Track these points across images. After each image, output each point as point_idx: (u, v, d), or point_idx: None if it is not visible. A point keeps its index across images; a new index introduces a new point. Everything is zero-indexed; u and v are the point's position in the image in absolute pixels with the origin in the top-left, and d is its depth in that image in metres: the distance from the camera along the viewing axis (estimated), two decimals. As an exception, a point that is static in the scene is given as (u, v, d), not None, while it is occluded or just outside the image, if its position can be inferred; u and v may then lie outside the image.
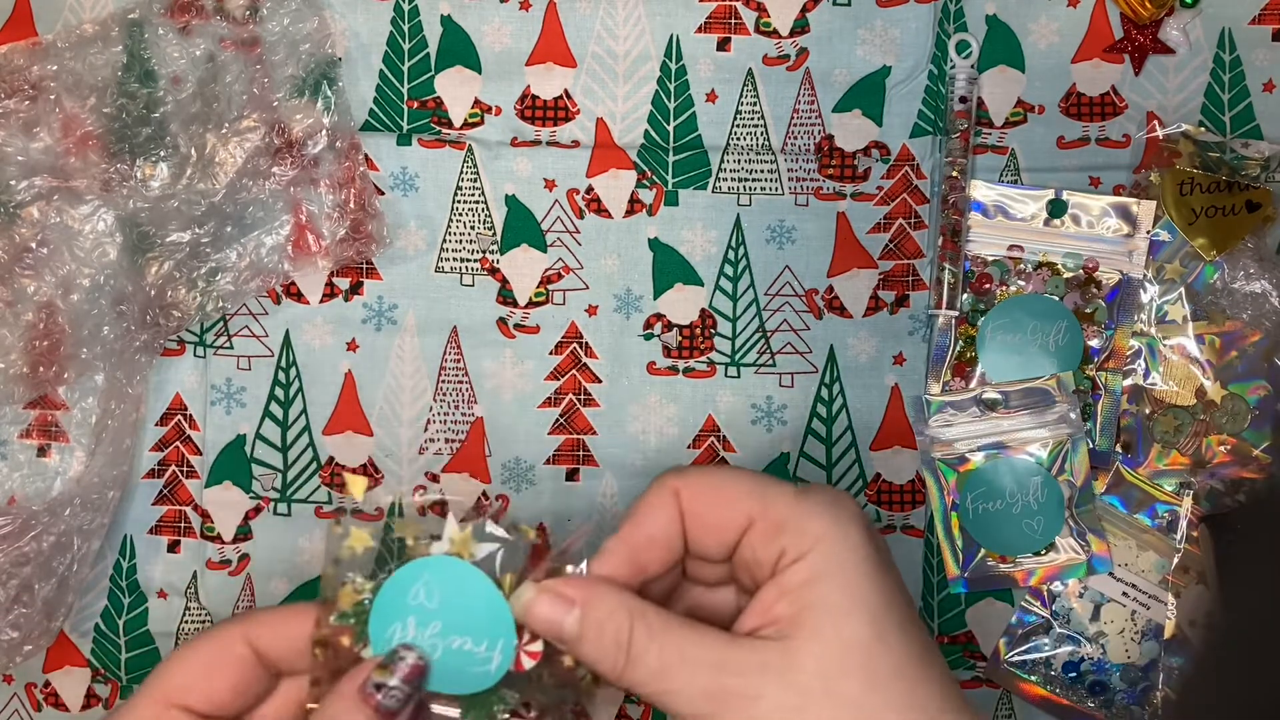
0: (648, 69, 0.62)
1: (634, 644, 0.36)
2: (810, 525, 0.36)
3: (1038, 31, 0.62)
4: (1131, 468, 0.60)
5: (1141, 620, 0.59)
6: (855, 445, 0.61)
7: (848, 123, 0.62)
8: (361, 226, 0.60)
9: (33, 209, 0.59)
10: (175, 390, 0.62)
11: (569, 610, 0.36)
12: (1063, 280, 0.60)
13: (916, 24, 0.61)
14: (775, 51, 0.62)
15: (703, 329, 0.62)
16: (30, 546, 0.57)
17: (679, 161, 0.62)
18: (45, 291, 0.60)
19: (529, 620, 0.37)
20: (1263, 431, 0.59)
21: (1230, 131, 0.61)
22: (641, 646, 0.36)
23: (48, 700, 0.62)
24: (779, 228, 0.61)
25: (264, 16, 0.60)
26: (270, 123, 0.60)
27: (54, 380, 0.60)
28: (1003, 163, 0.61)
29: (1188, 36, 0.61)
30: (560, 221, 0.62)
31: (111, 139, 0.60)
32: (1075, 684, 0.60)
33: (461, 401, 0.61)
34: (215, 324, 0.62)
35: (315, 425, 0.62)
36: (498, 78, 0.62)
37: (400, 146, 0.62)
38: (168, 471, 0.62)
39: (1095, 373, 0.60)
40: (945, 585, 0.60)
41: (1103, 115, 0.61)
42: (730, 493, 0.38)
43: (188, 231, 0.59)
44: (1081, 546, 0.59)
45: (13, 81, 0.60)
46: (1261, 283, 0.59)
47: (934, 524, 0.60)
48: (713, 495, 0.38)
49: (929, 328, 0.61)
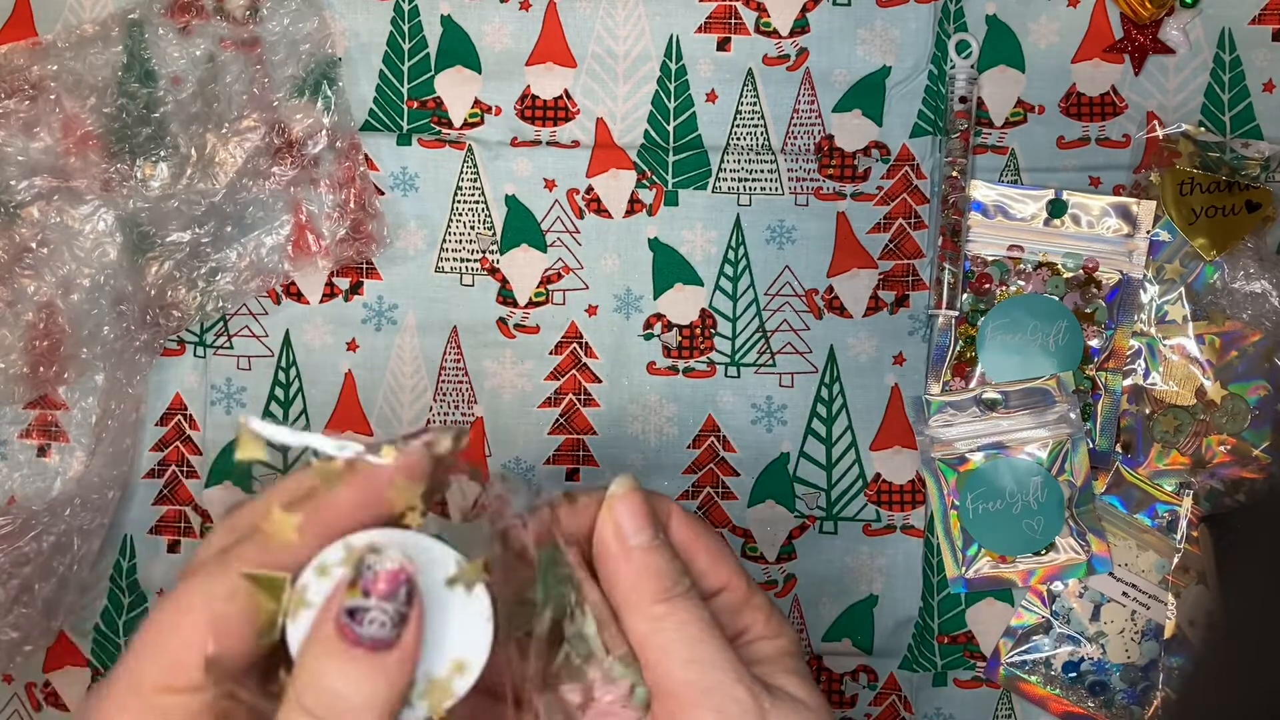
0: (648, 69, 0.62)
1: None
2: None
3: (1038, 31, 0.62)
4: (1131, 468, 0.60)
5: (1141, 620, 0.59)
6: (855, 445, 0.61)
7: (848, 123, 0.62)
8: (361, 226, 0.60)
9: (33, 209, 0.59)
10: (175, 390, 0.62)
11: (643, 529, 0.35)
12: (1063, 280, 0.60)
13: (916, 24, 0.61)
14: (775, 51, 0.62)
15: (703, 329, 0.62)
16: (30, 546, 0.57)
17: (679, 161, 0.62)
18: (45, 291, 0.60)
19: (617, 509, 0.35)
20: (1263, 431, 0.59)
21: (1230, 131, 0.61)
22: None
23: (48, 700, 0.62)
24: (779, 228, 0.61)
25: (264, 16, 0.60)
26: (270, 123, 0.60)
27: (54, 380, 0.60)
28: (1003, 163, 0.61)
29: (1188, 36, 0.61)
30: (560, 221, 0.62)
31: (111, 139, 0.60)
32: (1075, 684, 0.60)
33: (461, 401, 0.61)
34: (215, 324, 0.62)
35: (315, 425, 0.62)
36: (498, 78, 0.62)
37: (400, 146, 0.62)
38: (168, 471, 0.62)
39: (1095, 373, 0.60)
40: (945, 585, 0.60)
41: (1103, 115, 0.61)
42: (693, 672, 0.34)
43: (188, 231, 0.59)
44: (1081, 546, 0.59)
45: (13, 81, 0.60)
46: (1261, 283, 0.59)
47: (934, 524, 0.60)
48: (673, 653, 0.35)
49: (929, 328, 0.61)
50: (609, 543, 0.36)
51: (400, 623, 0.29)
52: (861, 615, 0.61)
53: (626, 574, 0.35)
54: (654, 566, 0.35)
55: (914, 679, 0.60)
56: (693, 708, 0.34)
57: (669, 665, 0.34)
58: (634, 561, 0.35)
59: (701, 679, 0.34)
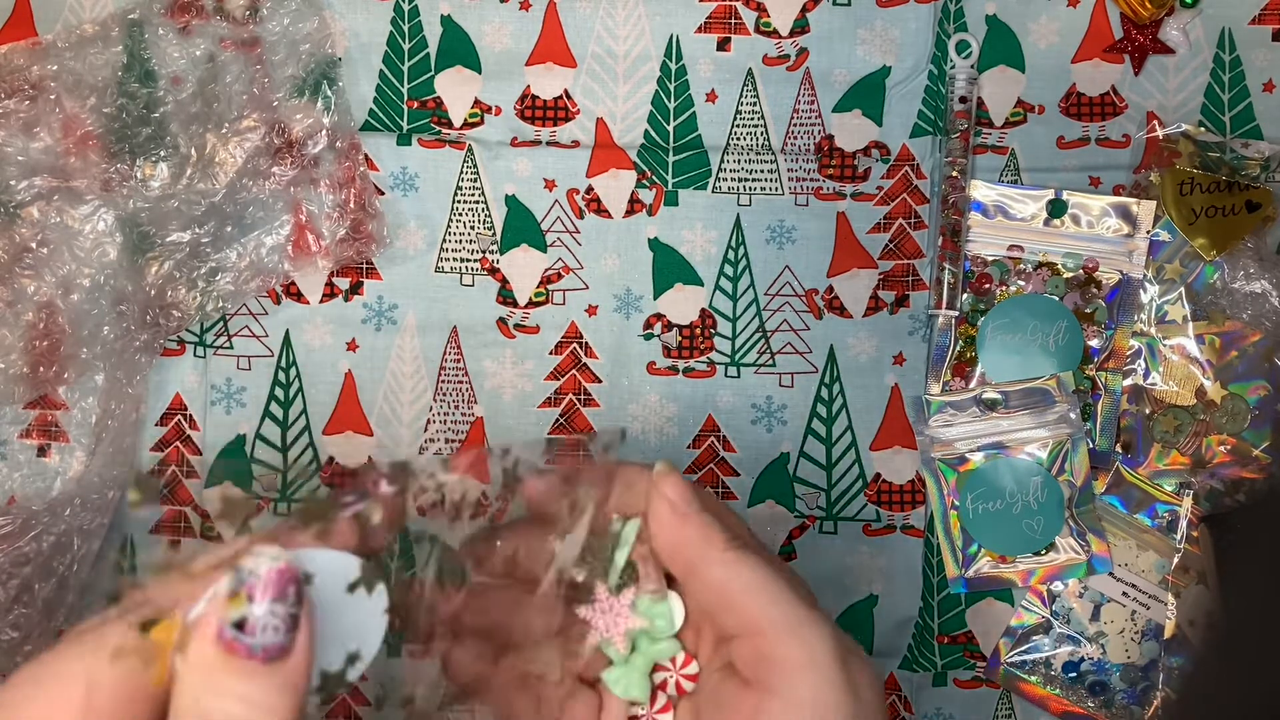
0: (648, 69, 0.62)
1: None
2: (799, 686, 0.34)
3: (1038, 31, 0.62)
4: (1131, 468, 0.60)
5: (1141, 620, 0.59)
6: (855, 445, 0.61)
7: (848, 123, 0.62)
8: (361, 226, 0.60)
9: (33, 209, 0.59)
10: (175, 390, 0.62)
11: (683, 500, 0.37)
12: (1063, 280, 0.60)
13: (916, 24, 0.61)
14: (775, 51, 0.62)
15: (703, 329, 0.62)
16: (30, 546, 0.57)
17: (679, 161, 0.62)
18: (45, 291, 0.60)
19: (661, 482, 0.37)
20: (1263, 431, 0.59)
21: (1230, 131, 0.61)
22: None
23: (48, 700, 0.62)
24: (779, 228, 0.61)
25: (264, 16, 0.60)
26: (270, 123, 0.60)
27: (54, 380, 0.60)
28: (1003, 163, 0.61)
29: (1188, 36, 0.61)
30: (560, 221, 0.62)
31: (111, 139, 0.60)
32: (1075, 684, 0.60)
33: (461, 401, 0.61)
34: (215, 324, 0.62)
35: (315, 425, 0.62)
36: (498, 78, 0.62)
37: (400, 146, 0.62)
38: (168, 471, 0.62)
39: (1095, 373, 0.60)
40: (945, 585, 0.60)
41: (1103, 115, 0.61)
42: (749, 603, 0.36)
43: (188, 231, 0.59)
44: (1081, 546, 0.59)
45: (13, 81, 0.60)
46: (1261, 283, 0.59)
47: (934, 524, 0.60)
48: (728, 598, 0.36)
49: (929, 328, 0.61)
50: (668, 512, 0.37)
51: (293, 626, 0.27)
52: (862, 615, 0.61)
53: (693, 532, 0.36)
54: (714, 524, 0.37)
55: (914, 679, 0.60)
56: (780, 645, 0.35)
57: (755, 604, 0.35)
58: (695, 521, 0.36)
59: (785, 616, 0.35)
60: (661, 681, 0.38)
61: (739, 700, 0.35)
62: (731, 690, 0.36)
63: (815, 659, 0.34)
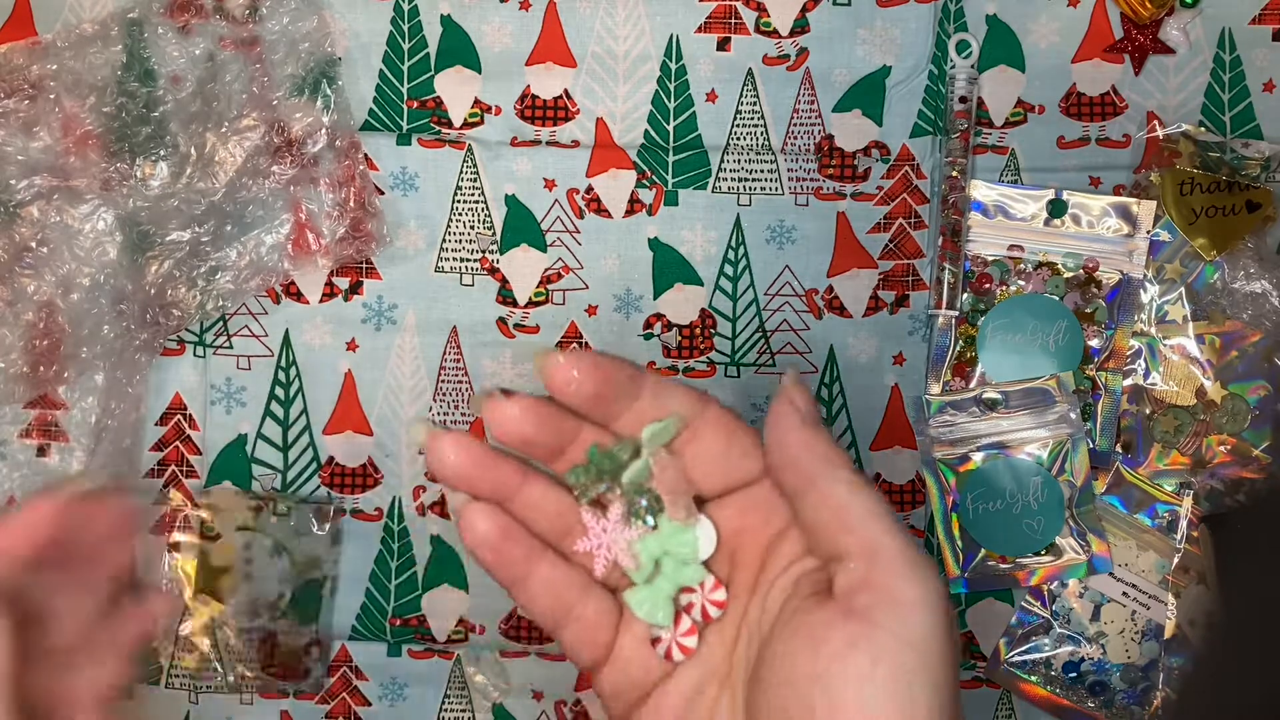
0: (648, 69, 0.62)
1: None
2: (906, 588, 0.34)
3: (1038, 31, 0.62)
4: (1131, 468, 0.60)
5: (1141, 620, 0.59)
6: (855, 445, 0.61)
7: (848, 123, 0.62)
8: (361, 225, 0.60)
9: (33, 208, 0.59)
10: (175, 390, 0.62)
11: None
12: (1063, 280, 0.60)
13: (916, 24, 0.61)
14: (775, 51, 0.62)
15: (702, 329, 0.62)
16: (30, 546, 0.57)
17: (679, 161, 0.62)
18: (45, 291, 0.60)
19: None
20: (1263, 431, 0.59)
21: (1230, 131, 0.61)
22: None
23: (47, 700, 0.62)
24: (779, 228, 0.61)
25: (264, 16, 0.60)
26: (270, 122, 0.60)
27: (54, 380, 0.60)
28: (1003, 163, 0.61)
29: (1188, 36, 0.61)
30: (560, 221, 0.62)
31: (111, 138, 0.60)
32: (1075, 684, 0.59)
33: (461, 401, 0.61)
34: (215, 323, 0.62)
35: (315, 425, 0.62)
36: (498, 77, 0.62)
37: (400, 146, 0.62)
38: (168, 471, 0.62)
39: (1095, 373, 0.60)
40: (945, 585, 0.60)
41: (1103, 115, 0.61)
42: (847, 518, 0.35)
43: (188, 230, 0.59)
44: (1081, 546, 0.59)
45: (13, 81, 0.60)
46: (1261, 283, 0.59)
47: (934, 524, 0.60)
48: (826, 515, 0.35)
49: (929, 328, 0.61)
50: (799, 422, 0.36)
51: None
52: (861, 615, 0.61)
53: (821, 443, 0.35)
54: (838, 445, 0.36)
55: (914, 679, 0.60)
56: (897, 577, 0.34)
57: (876, 527, 0.35)
58: (824, 436, 0.36)
59: (903, 550, 0.35)
60: (687, 604, 0.37)
61: (828, 629, 0.34)
62: (822, 617, 0.34)
63: (929, 599, 0.33)
